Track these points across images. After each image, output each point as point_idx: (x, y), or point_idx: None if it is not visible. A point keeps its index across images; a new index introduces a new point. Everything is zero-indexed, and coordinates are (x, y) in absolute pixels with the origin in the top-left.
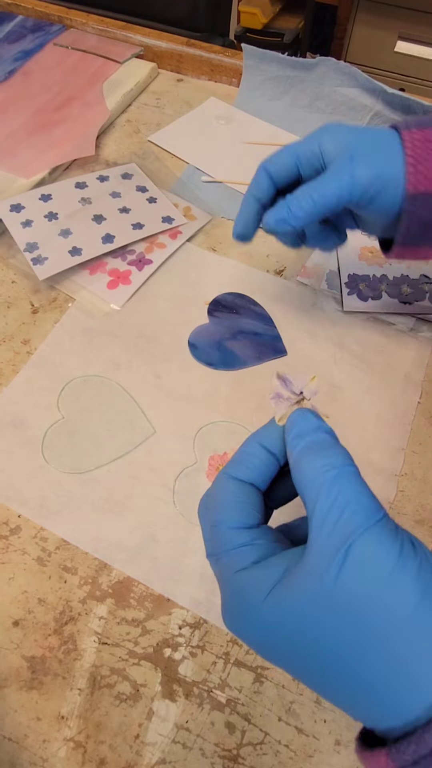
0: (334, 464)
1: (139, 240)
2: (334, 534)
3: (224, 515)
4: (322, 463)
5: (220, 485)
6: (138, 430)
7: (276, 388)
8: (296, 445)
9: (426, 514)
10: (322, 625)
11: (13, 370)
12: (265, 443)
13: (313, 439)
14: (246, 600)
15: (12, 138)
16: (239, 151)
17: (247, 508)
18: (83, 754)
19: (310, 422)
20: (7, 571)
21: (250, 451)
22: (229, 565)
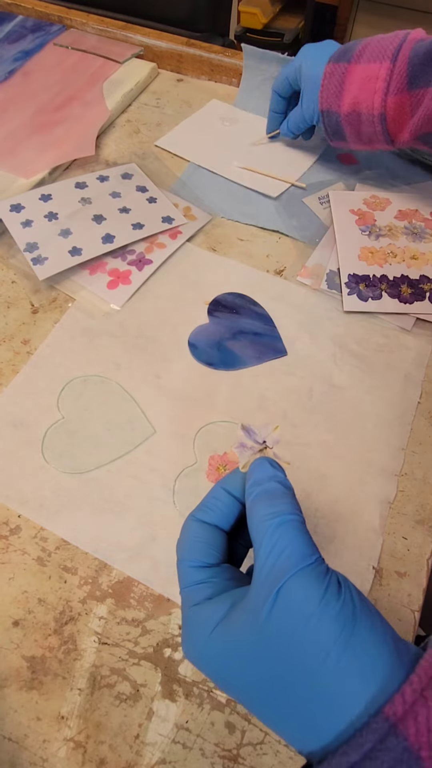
0: (278, 513)
1: (139, 240)
2: (270, 576)
3: (187, 554)
4: (269, 512)
5: (186, 526)
6: (138, 430)
7: (240, 438)
8: (252, 492)
9: (426, 514)
10: (256, 658)
11: (13, 370)
12: (228, 488)
13: (265, 488)
14: (197, 633)
15: (12, 138)
16: (247, 151)
17: (207, 549)
18: (83, 754)
19: (266, 471)
20: (7, 571)
21: (215, 496)
22: (187, 599)
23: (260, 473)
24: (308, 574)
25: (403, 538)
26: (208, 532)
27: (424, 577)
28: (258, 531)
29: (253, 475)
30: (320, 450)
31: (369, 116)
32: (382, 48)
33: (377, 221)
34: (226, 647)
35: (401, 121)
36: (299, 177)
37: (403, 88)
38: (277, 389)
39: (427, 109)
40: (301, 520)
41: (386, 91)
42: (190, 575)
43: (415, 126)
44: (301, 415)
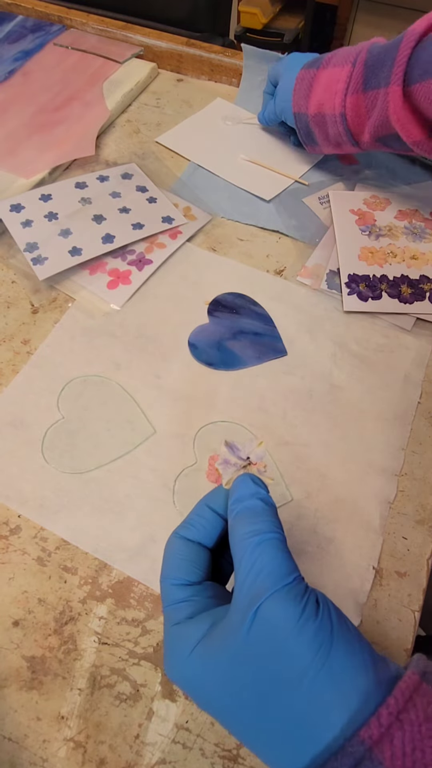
0: (258, 531)
1: (139, 240)
2: (249, 595)
3: (169, 571)
4: (249, 529)
5: (170, 543)
6: (138, 430)
7: (223, 455)
8: (234, 509)
9: (426, 514)
10: (235, 677)
11: (13, 370)
12: (212, 505)
13: (247, 505)
14: (177, 652)
15: (12, 138)
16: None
17: (190, 566)
18: (83, 754)
19: (248, 488)
20: (7, 571)
21: (199, 513)
22: (168, 618)
23: (242, 490)
24: (286, 594)
25: (403, 538)
26: (191, 550)
27: (424, 577)
28: (238, 549)
29: (235, 492)
30: (320, 450)
31: (332, 117)
32: (346, 54)
33: (377, 221)
34: (205, 667)
35: (360, 122)
36: (301, 176)
37: (359, 89)
38: (277, 389)
39: (381, 110)
40: (281, 539)
41: (345, 92)
42: (172, 593)
43: (373, 127)
44: (301, 415)
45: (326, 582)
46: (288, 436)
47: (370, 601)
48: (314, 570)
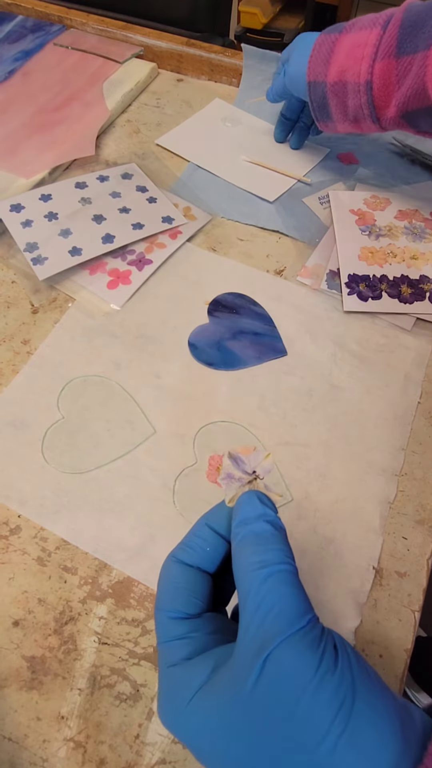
0: (266, 562)
1: (139, 240)
2: (256, 640)
3: (164, 602)
4: (256, 560)
5: (166, 568)
6: (138, 430)
7: (227, 468)
8: (238, 533)
9: (426, 514)
10: (240, 737)
11: (13, 370)
12: (213, 525)
13: (253, 530)
14: (173, 699)
15: (12, 138)
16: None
17: (188, 597)
18: (83, 754)
19: (255, 508)
20: (7, 571)
21: (198, 534)
22: (163, 657)
23: (248, 511)
24: (300, 641)
25: (403, 538)
26: (189, 576)
27: (424, 577)
28: (243, 582)
29: (240, 513)
30: (320, 450)
31: (355, 85)
32: (374, 17)
33: (377, 221)
34: (206, 721)
35: (388, 92)
36: (303, 176)
37: (390, 54)
38: (277, 389)
39: (416, 79)
40: (293, 571)
41: (374, 58)
42: (168, 628)
43: (402, 99)
44: (301, 415)
45: (326, 582)
46: (288, 436)
47: (370, 601)
48: (314, 570)
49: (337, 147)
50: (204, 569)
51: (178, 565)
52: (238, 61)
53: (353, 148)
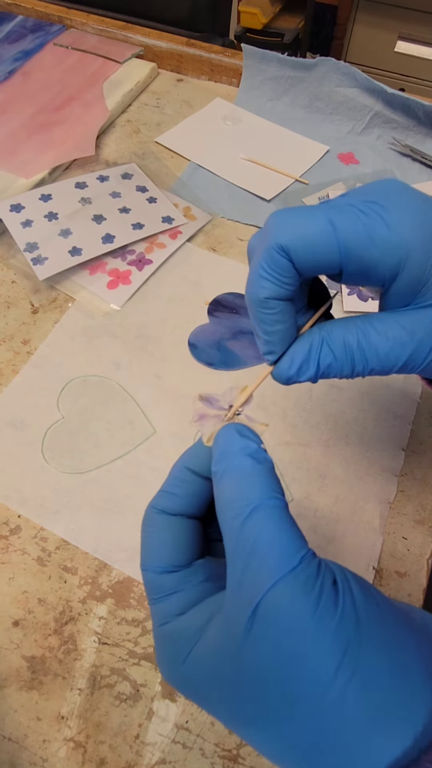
0: (248, 500)
1: (139, 240)
2: (243, 588)
3: (149, 559)
4: (237, 498)
5: (147, 521)
6: (138, 430)
7: (199, 410)
8: (217, 471)
9: (426, 514)
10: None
11: (13, 370)
12: (193, 467)
13: (232, 465)
14: (170, 659)
15: (12, 138)
16: (246, 151)
17: (174, 548)
18: (83, 754)
19: (234, 442)
20: (7, 571)
21: (178, 477)
22: (156, 615)
23: (226, 445)
24: (292, 583)
25: (403, 538)
26: (174, 526)
27: (424, 577)
28: (226, 525)
29: (218, 449)
30: (320, 450)
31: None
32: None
33: None
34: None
35: None
36: (301, 175)
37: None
38: (277, 389)
39: None
40: (280, 506)
41: None
42: (157, 584)
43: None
44: (301, 415)
45: None
46: (288, 436)
47: None
48: None
49: (337, 147)
50: (189, 515)
51: (161, 515)
52: (238, 61)
53: (353, 148)
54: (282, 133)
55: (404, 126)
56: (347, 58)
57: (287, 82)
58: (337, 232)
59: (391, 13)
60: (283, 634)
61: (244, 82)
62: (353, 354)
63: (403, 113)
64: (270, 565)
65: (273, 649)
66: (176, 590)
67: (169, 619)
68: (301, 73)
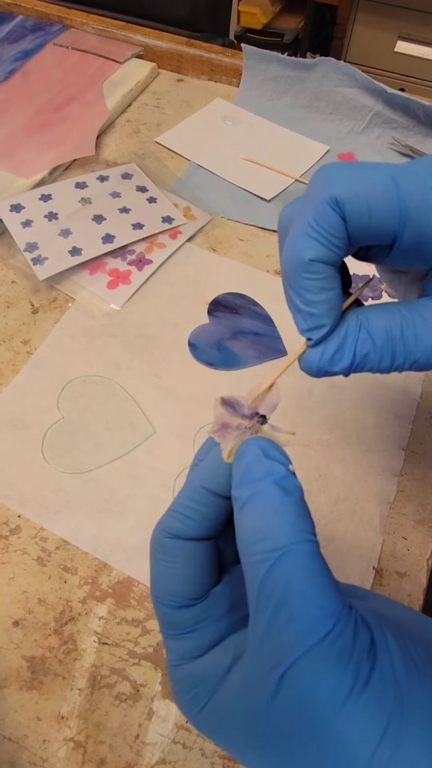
0: (276, 542)
1: (139, 240)
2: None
3: (163, 591)
4: (261, 539)
5: (157, 547)
6: (138, 430)
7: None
8: (238, 498)
9: (426, 514)
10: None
11: (13, 370)
12: (210, 486)
13: (257, 493)
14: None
15: (12, 138)
16: (246, 151)
17: (188, 578)
18: (83, 754)
19: (259, 464)
20: (7, 571)
21: (194, 498)
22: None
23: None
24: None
25: (403, 538)
26: (187, 552)
27: (424, 577)
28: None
29: (239, 472)
30: (320, 450)
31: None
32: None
33: None
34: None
35: None
36: (301, 174)
37: None
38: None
39: None
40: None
41: None
42: (170, 620)
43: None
44: (301, 415)
45: None
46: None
47: None
48: None
49: (337, 147)
50: (204, 538)
51: (173, 541)
52: (238, 61)
53: (353, 148)
54: (282, 133)
55: (404, 126)
56: (347, 58)
57: (287, 82)
58: (401, 192)
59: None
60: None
61: (244, 82)
62: (395, 344)
63: (403, 113)
64: (299, 628)
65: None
66: (193, 628)
67: (186, 661)
68: (301, 73)
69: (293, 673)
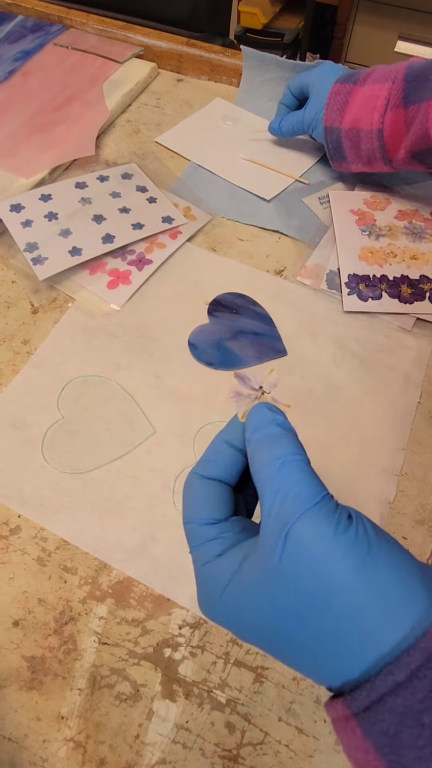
0: (279, 455)
1: (139, 240)
2: (277, 520)
3: (193, 513)
4: (270, 455)
5: (189, 484)
6: (138, 430)
7: (234, 387)
8: (251, 439)
9: (426, 514)
10: (272, 607)
11: (13, 370)
12: (229, 440)
13: (265, 433)
14: (209, 593)
15: (12, 138)
16: (250, 147)
17: (213, 504)
18: (83, 754)
19: (264, 416)
20: (7, 571)
21: (216, 449)
22: (197, 559)
23: (258, 419)
24: (316, 513)
25: (403, 538)
26: (212, 488)
27: None
28: (260, 477)
29: (251, 423)
30: (320, 450)
31: (368, 132)
32: (385, 72)
33: (377, 221)
34: (241, 603)
35: (397, 138)
36: (301, 174)
37: (398, 104)
38: (277, 389)
39: (420, 125)
40: (304, 460)
41: (385, 109)
42: (199, 533)
43: (410, 142)
44: (301, 415)
45: None
46: None
47: None
48: None
49: None
50: (225, 481)
51: (200, 479)
52: (238, 61)
53: None
54: None
55: None
56: (347, 58)
57: (287, 82)
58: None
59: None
60: (309, 552)
61: (243, 82)
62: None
63: None
64: (298, 501)
65: (302, 566)
66: (217, 537)
67: (210, 560)
68: None
69: (294, 530)
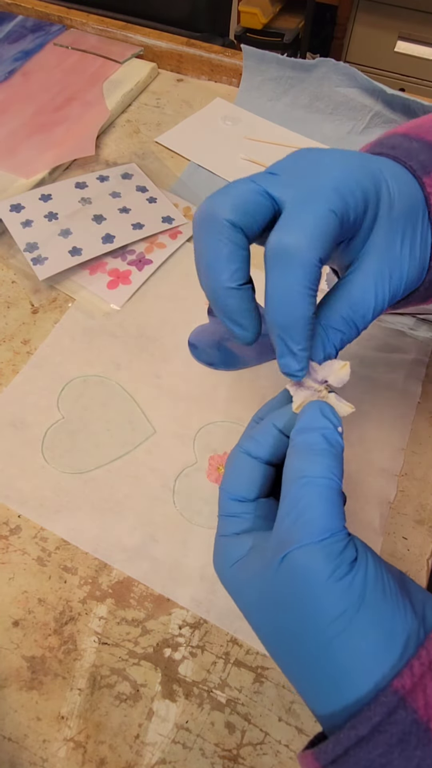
0: (309, 471)
1: (139, 240)
2: (284, 535)
3: (227, 485)
4: (301, 467)
5: (232, 456)
6: (138, 430)
7: None
8: (293, 439)
9: (426, 514)
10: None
11: (13, 370)
12: (278, 425)
13: (307, 440)
14: (222, 561)
15: (12, 138)
16: (246, 151)
17: (247, 483)
18: (83, 754)
19: (315, 420)
20: (7, 571)
21: (264, 429)
22: (219, 527)
23: (308, 420)
24: (318, 551)
25: (403, 538)
26: (250, 466)
27: (424, 577)
28: (286, 485)
29: (300, 421)
30: None
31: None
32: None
33: None
34: (242, 583)
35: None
36: None
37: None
38: (278, 389)
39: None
40: (332, 486)
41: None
42: (227, 506)
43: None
44: None
45: None
46: None
47: None
48: None
49: (337, 147)
50: (266, 461)
51: (243, 455)
52: (238, 61)
53: (353, 148)
54: (282, 133)
55: None
56: (347, 58)
57: (287, 82)
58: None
59: (391, 13)
60: (300, 582)
61: (243, 82)
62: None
63: (403, 113)
64: (306, 528)
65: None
66: (239, 516)
67: (228, 534)
68: (300, 74)
69: (291, 556)
